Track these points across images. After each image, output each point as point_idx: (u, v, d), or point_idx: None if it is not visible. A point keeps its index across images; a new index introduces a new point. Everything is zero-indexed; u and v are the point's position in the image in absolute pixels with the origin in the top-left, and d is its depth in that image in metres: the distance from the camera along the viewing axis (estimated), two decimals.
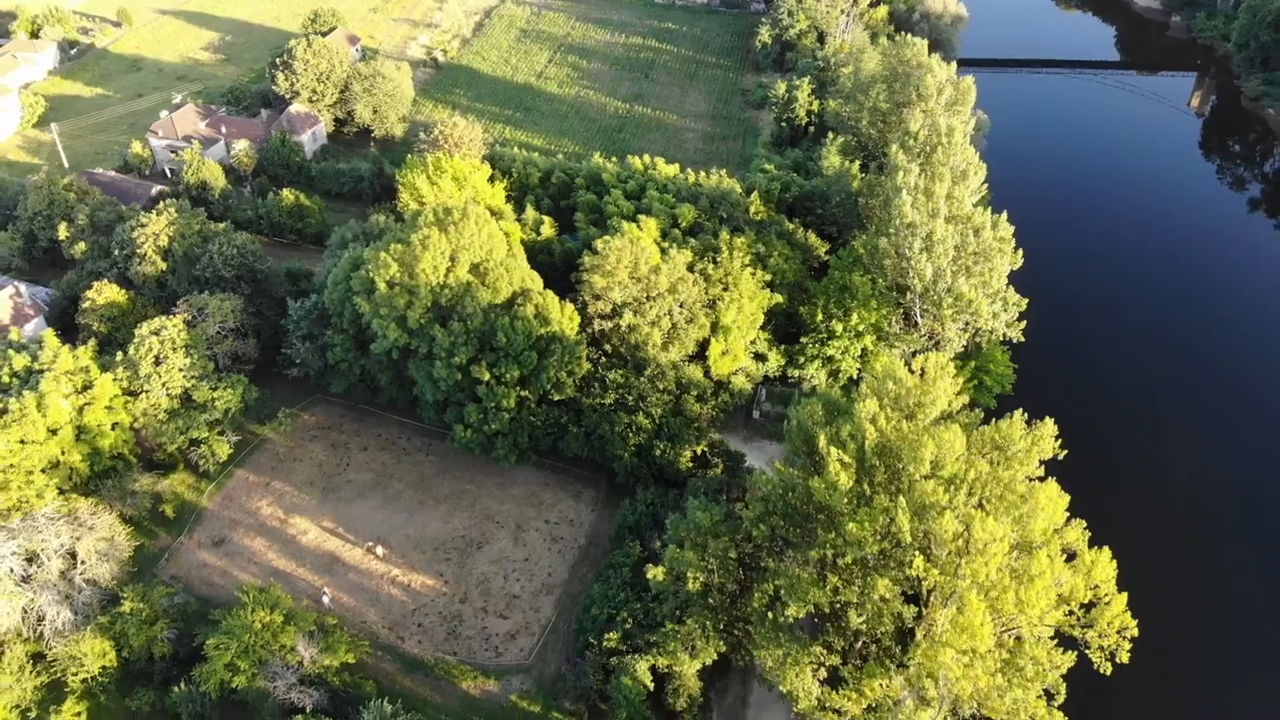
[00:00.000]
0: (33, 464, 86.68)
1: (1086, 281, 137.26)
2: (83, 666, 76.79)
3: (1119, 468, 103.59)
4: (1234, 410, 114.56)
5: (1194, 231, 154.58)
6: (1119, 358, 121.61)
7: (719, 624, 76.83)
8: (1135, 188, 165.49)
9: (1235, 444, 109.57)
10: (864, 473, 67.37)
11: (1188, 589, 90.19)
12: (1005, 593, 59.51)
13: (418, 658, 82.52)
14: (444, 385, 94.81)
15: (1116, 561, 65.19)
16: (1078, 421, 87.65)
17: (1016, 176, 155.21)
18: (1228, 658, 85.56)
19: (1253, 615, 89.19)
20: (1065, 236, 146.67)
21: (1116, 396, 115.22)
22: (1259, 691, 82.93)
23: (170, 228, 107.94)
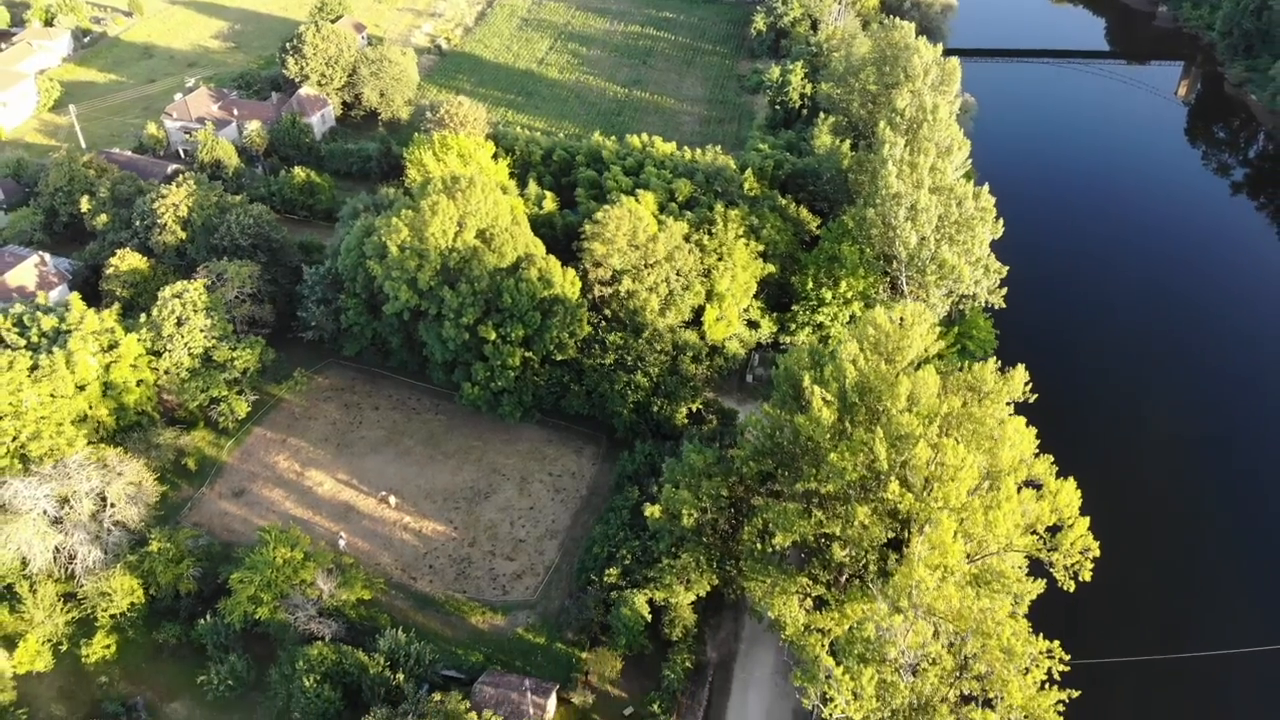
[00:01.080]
0: (62, 416, 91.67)
1: (1069, 255, 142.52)
2: (112, 602, 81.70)
3: (1090, 419, 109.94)
4: (1201, 368, 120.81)
5: (1175, 209, 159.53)
6: (1097, 324, 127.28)
7: (712, 558, 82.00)
8: (1119, 169, 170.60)
9: (1200, 400, 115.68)
10: (845, 410, 72.38)
11: (1149, 518, 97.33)
12: (975, 514, 64.54)
13: (429, 595, 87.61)
14: (452, 345, 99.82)
15: (1081, 492, 70.27)
16: (1054, 379, 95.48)
17: (1004, 160, 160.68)
18: (1188, 576, 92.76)
19: (1208, 539, 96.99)
20: (1050, 214, 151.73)
21: (1092, 358, 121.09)
22: (1213, 600, 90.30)
23: (189, 199, 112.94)
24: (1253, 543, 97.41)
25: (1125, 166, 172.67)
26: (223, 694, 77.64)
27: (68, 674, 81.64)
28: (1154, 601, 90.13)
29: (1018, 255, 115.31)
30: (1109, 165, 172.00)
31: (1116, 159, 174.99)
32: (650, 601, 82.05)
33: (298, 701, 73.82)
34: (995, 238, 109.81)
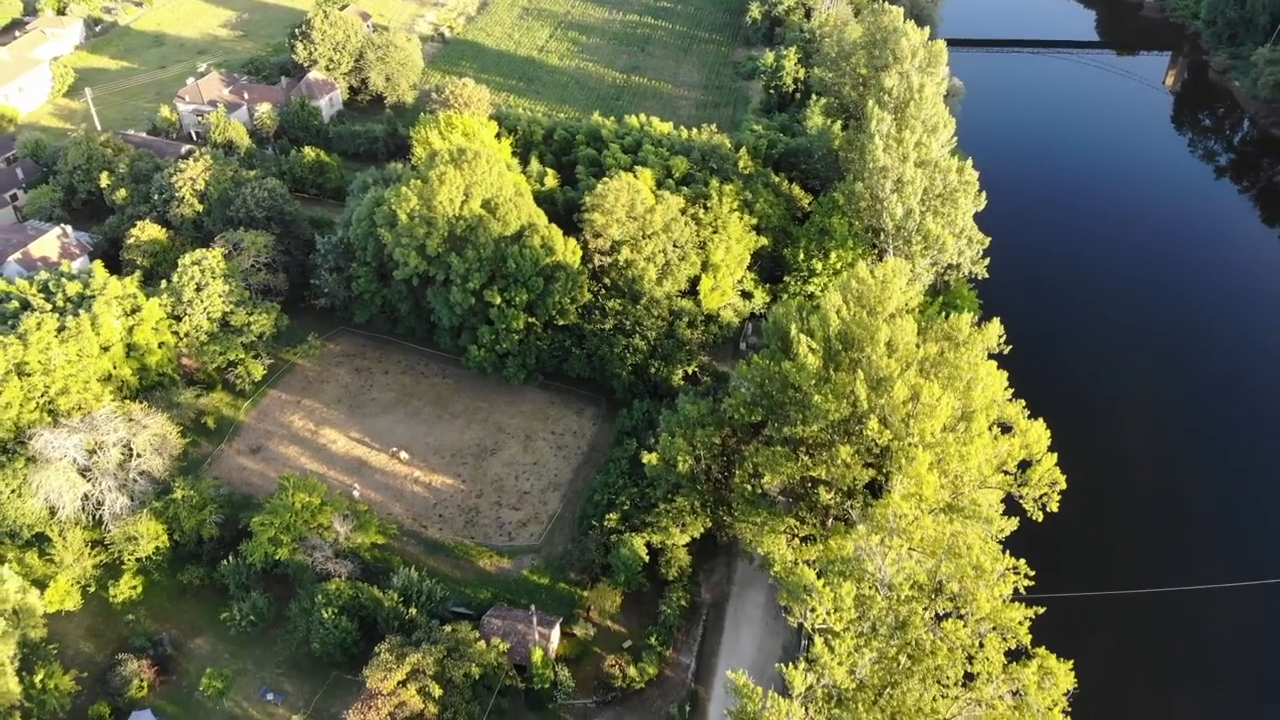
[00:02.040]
0: (89, 375, 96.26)
1: (1054, 232, 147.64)
2: (138, 546, 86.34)
3: (1065, 375, 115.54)
4: (1175, 331, 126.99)
5: (1157, 189, 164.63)
6: (1078, 293, 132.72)
7: (705, 503, 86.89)
8: (1104, 153, 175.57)
9: (1173, 358, 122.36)
10: (830, 357, 77.20)
11: (1118, 463, 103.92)
12: (949, 449, 69.39)
13: (439, 541, 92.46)
14: (459, 310, 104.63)
15: (1051, 434, 75.22)
16: (1035, 342, 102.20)
17: (991, 143, 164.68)
18: (1156, 516, 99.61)
19: (1176, 482, 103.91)
20: (1035, 194, 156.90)
21: (1072, 323, 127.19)
22: (1178, 540, 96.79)
23: (206, 173, 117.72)
24: (1217, 486, 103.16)
25: (1110, 150, 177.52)
26: (245, 629, 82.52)
27: (96, 614, 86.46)
28: (1123, 540, 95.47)
29: (1004, 231, 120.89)
30: (1094, 149, 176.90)
31: (1102, 144, 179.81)
32: (648, 544, 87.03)
33: (316, 633, 78.66)
34: (978, 210, 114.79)
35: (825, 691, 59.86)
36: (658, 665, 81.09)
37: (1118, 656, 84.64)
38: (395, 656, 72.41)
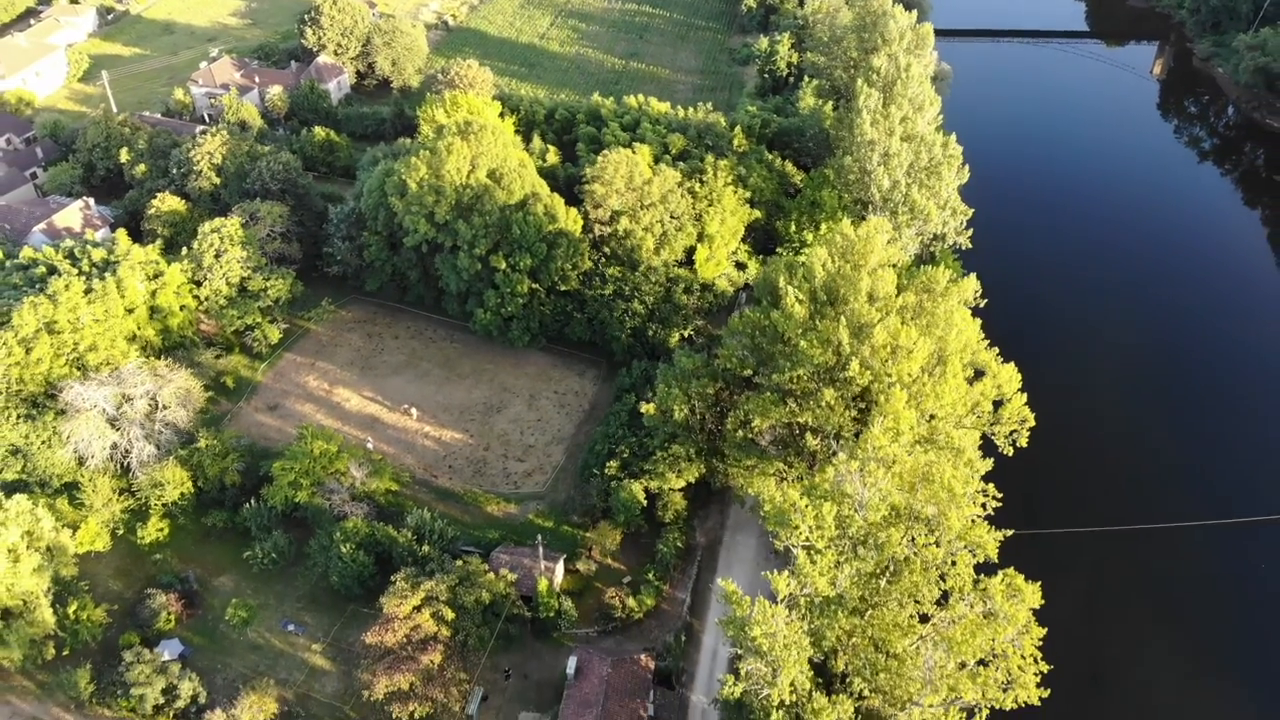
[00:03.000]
0: (115, 334, 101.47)
1: (1037, 209, 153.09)
2: (164, 491, 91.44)
3: (1045, 335, 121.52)
4: (1149, 295, 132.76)
5: (1140, 170, 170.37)
6: (1059, 263, 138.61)
7: (700, 450, 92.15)
8: (1089, 136, 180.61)
9: (1146, 321, 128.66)
10: (815, 308, 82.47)
11: (1090, 412, 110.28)
12: (924, 387, 74.65)
13: (449, 489, 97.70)
14: (466, 276, 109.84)
15: (1022, 376, 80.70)
16: (1018, 307, 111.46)
17: (978, 126, 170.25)
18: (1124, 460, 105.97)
19: (1144, 427, 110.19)
20: (1020, 174, 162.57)
21: (1051, 289, 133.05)
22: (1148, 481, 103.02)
23: (223, 147, 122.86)
24: (1185, 432, 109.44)
25: (1095, 135, 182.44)
26: (266, 567, 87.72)
27: (124, 555, 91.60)
28: (1094, 483, 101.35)
29: (990, 207, 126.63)
30: (1079, 134, 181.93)
31: (1087, 129, 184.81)
32: (646, 490, 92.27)
33: (335, 567, 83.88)
34: (962, 183, 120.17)
35: (808, 600, 65.08)
36: (655, 598, 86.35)
37: (1089, 592, 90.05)
38: (410, 585, 77.50)
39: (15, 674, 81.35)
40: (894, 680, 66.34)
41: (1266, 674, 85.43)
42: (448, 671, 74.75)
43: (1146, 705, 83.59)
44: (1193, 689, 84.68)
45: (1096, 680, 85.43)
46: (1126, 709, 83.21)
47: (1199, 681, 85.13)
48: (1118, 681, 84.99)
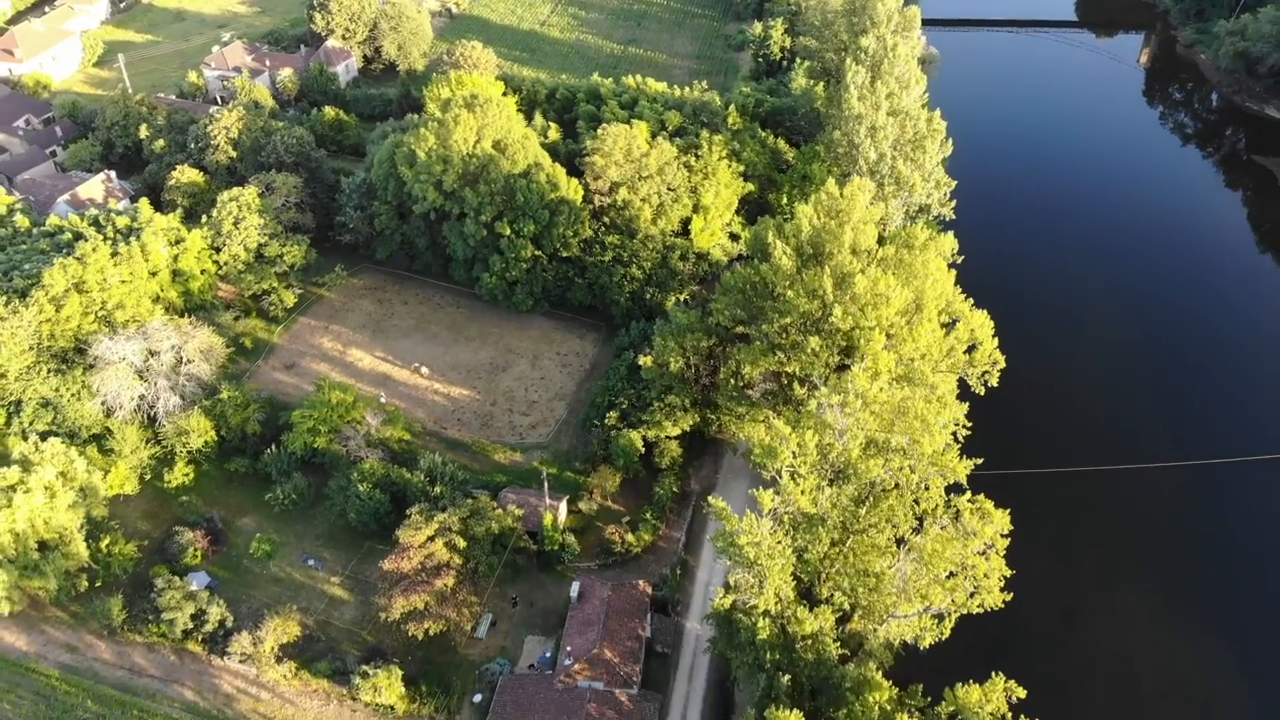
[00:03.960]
0: (140, 294, 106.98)
1: (1020, 185, 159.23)
2: (189, 439, 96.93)
3: (1024, 291, 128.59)
4: (1123, 262, 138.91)
5: (1123, 153, 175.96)
6: (1038, 231, 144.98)
7: (694, 400, 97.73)
8: (1074, 122, 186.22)
9: (1115, 276, 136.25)
10: (802, 261, 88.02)
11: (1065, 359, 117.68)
12: (902, 330, 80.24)
13: (458, 439, 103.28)
14: (472, 241, 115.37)
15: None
16: (996, 268, 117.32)
17: (965, 109, 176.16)
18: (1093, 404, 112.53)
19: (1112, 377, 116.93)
20: (1006, 155, 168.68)
21: (1029, 254, 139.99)
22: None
23: (239, 123, 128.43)
24: (1154, 379, 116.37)
25: (1079, 119, 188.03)
26: (286, 507, 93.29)
27: (151, 499, 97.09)
28: (1068, 426, 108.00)
29: (975, 184, 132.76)
30: (1064, 118, 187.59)
31: (1072, 112, 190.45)
32: (643, 438, 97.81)
33: (353, 505, 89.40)
34: (946, 156, 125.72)
35: (791, 517, 70.64)
36: (653, 535, 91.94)
37: (1060, 532, 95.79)
38: (424, 517, 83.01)
39: (50, 605, 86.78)
40: (872, 596, 71.95)
41: (1227, 606, 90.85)
42: (460, 594, 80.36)
43: (1115, 639, 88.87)
44: (1159, 623, 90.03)
45: (1067, 617, 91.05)
46: (1096, 643, 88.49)
47: (1165, 616, 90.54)
48: (1087, 617, 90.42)
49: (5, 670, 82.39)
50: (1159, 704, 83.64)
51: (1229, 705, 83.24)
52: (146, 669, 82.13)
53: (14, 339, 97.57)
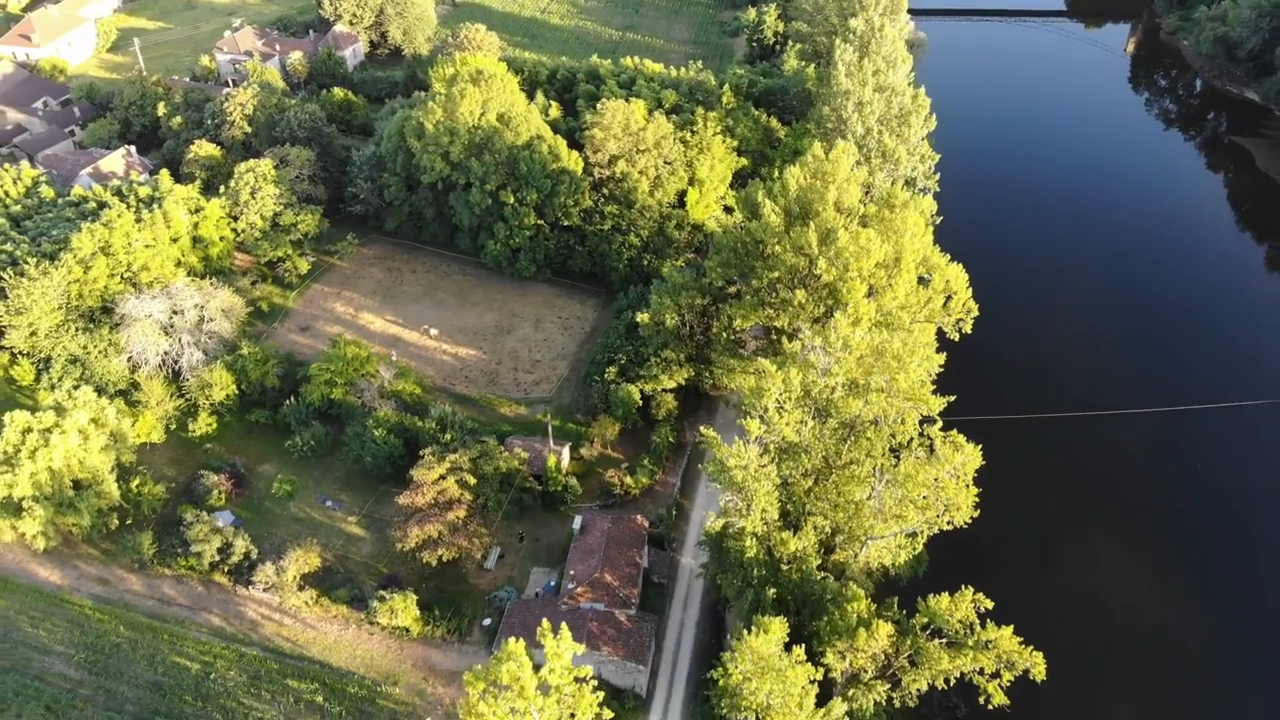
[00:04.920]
0: (163, 258, 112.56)
1: (1005, 166, 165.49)
2: (212, 392, 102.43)
3: (1006, 254, 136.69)
4: (1102, 240, 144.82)
5: (1106, 135, 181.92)
6: (1021, 208, 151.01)
7: (689, 355, 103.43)
8: (1059, 104, 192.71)
9: (1093, 240, 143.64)
10: (789, 219, 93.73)
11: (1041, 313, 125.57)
12: (882, 282, 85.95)
13: (466, 394, 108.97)
14: (478, 210, 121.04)
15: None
16: (978, 234, 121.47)
17: (952, 92, 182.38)
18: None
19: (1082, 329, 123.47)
20: (991, 136, 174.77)
21: (1014, 221, 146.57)
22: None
23: (254, 99, 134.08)
24: (1126, 331, 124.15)
25: (1065, 104, 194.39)
26: (305, 454, 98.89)
27: (176, 447, 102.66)
28: (1043, 375, 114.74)
29: (962, 162, 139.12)
30: (1050, 101, 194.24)
31: (1058, 96, 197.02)
32: (641, 393, 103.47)
33: (369, 449, 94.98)
34: (930, 130, 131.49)
35: (776, 446, 76.30)
36: (649, 479, 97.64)
37: (1037, 476, 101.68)
38: (436, 458, 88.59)
39: (82, 543, 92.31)
40: (852, 522, 77.57)
41: (1191, 542, 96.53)
42: (470, 525, 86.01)
43: (1086, 574, 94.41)
44: (1127, 559, 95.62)
45: (1041, 555, 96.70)
46: (1068, 578, 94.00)
47: (1132, 552, 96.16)
48: (1060, 554, 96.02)
49: (41, 601, 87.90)
50: (1127, 632, 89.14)
51: (1192, 635, 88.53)
52: (175, 599, 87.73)
53: (44, 298, 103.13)
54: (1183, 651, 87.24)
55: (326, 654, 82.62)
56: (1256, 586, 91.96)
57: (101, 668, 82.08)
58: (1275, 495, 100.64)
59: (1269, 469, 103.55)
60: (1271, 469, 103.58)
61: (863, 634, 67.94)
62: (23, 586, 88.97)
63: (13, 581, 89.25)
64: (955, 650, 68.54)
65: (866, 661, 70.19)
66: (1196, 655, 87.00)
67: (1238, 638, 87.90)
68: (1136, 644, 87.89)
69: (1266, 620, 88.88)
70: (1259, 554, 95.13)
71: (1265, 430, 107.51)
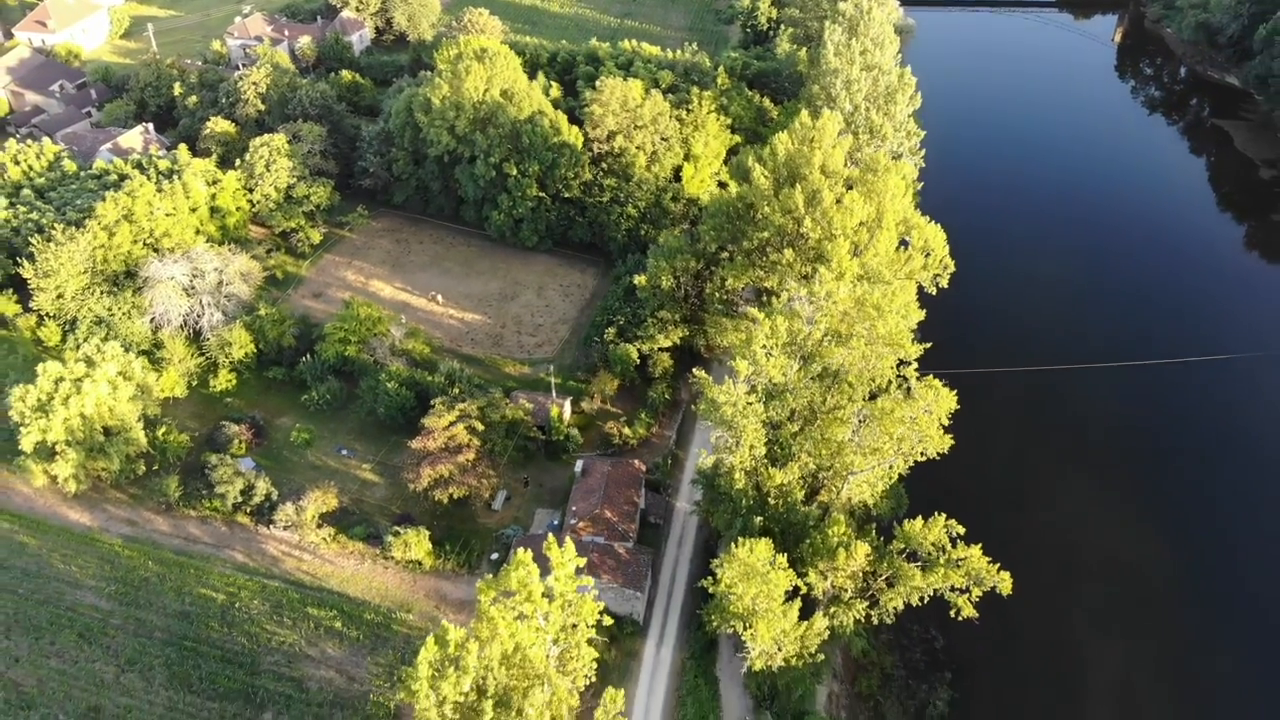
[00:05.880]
0: (183, 226, 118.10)
1: (989, 147, 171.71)
2: (231, 350, 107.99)
3: (981, 224, 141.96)
4: (1078, 211, 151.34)
5: (1090, 119, 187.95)
6: (1003, 183, 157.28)
7: (684, 316, 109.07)
8: (1045, 91, 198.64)
9: (1069, 211, 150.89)
10: (777, 183, 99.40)
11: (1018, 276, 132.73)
12: (864, 239, 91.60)
13: (472, 355, 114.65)
14: (483, 182, 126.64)
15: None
16: (963, 207, 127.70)
17: (940, 77, 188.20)
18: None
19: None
20: (976, 122, 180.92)
21: (994, 191, 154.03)
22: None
23: (267, 78, 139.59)
24: (1096, 289, 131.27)
25: (1050, 89, 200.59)
26: (321, 407, 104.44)
27: (198, 402, 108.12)
28: (1019, 331, 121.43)
29: (948, 140, 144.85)
30: (1036, 88, 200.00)
31: (1043, 83, 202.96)
32: (639, 352, 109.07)
33: (382, 400, 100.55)
34: (915, 108, 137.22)
35: (764, 387, 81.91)
36: (646, 430, 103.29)
37: (1013, 428, 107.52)
38: (447, 406, 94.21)
39: (111, 488, 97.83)
40: (834, 460, 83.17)
41: (1159, 490, 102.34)
42: (479, 467, 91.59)
43: (1059, 519, 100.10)
44: (1099, 506, 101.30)
45: (1018, 502, 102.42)
46: (1040, 524, 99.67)
47: (1104, 499, 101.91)
48: (1035, 500, 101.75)
49: (72, 541, 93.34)
50: (1097, 573, 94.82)
51: (1159, 576, 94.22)
52: (200, 538, 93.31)
53: (71, 262, 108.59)
54: (1144, 582, 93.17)
55: (344, 585, 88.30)
56: (1213, 523, 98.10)
57: (131, 599, 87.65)
58: (1229, 439, 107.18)
59: (1225, 417, 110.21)
60: (1227, 417, 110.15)
61: (842, 554, 73.62)
62: (54, 528, 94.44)
63: (45, 524, 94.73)
64: (928, 569, 74.23)
65: (846, 581, 75.93)
66: (1158, 586, 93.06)
67: (1197, 570, 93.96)
68: (1102, 578, 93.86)
69: (1223, 553, 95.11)
70: (1217, 494, 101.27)
71: (1223, 383, 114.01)
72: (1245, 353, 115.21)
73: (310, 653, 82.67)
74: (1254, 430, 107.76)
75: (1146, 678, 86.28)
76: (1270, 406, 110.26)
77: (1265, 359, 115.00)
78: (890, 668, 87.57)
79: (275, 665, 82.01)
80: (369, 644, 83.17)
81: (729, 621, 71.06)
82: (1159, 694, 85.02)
